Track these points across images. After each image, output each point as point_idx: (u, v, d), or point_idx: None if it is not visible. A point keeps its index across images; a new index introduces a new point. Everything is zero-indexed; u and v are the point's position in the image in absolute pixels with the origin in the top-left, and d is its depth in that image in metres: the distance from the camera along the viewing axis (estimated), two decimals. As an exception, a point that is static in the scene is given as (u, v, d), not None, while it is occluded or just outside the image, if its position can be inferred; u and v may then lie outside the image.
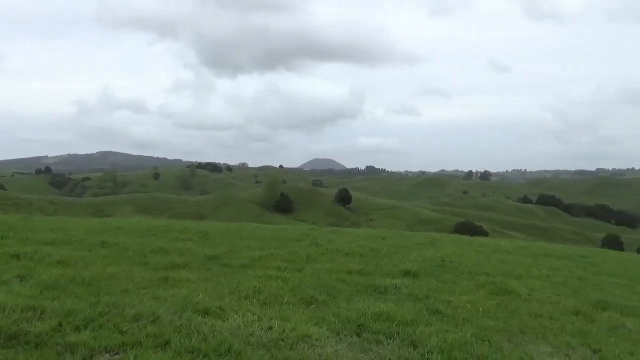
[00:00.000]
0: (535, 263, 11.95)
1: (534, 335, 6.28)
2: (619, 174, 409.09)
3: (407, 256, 11.05)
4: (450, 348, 5.36)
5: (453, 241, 15.57)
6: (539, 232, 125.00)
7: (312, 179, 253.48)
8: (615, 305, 8.11)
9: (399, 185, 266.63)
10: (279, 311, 6.23)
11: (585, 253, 15.23)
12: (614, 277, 11.24)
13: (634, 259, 16.79)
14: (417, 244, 13.64)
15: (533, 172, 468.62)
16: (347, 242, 12.72)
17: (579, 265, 12.40)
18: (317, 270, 8.96)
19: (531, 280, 9.63)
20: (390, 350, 5.28)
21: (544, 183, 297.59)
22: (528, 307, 7.52)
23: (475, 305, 7.18)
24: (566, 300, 8.19)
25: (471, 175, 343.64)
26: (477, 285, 8.71)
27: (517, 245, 16.23)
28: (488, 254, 12.61)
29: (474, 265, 10.56)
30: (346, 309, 6.45)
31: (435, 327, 6.04)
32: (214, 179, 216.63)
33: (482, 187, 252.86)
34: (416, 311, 6.61)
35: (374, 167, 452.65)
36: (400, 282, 8.28)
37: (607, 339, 6.40)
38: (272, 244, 11.96)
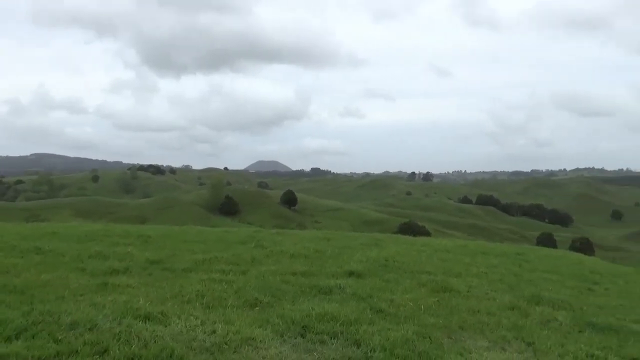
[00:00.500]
0: (474, 261, 12.33)
1: (472, 330, 6.49)
2: (552, 174, 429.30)
3: (352, 257, 11.18)
4: (392, 345, 5.47)
5: (396, 241, 15.87)
6: (479, 231, 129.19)
7: (257, 181, 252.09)
8: (547, 300, 8.48)
9: (344, 187, 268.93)
10: (222, 314, 6.17)
11: (520, 251, 15.85)
12: (546, 273, 11.76)
13: (565, 255, 17.63)
14: (361, 244, 13.81)
15: (472, 173, 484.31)
16: (292, 244, 12.72)
17: (515, 263, 12.89)
18: (261, 272, 8.92)
19: (470, 278, 9.93)
20: (333, 349, 5.33)
21: (483, 184, 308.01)
22: (467, 304, 7.75)
23: (417, 303, 7.36)
24: (502, 296, 8.50)
25: (414, 176, 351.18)
26: (418, 283, 8.92)
27: (457, 244, 16.70)
28: (429, 253, 12.92)
29: (416, 264, 10.80)
30: (290, 310, 6.46)
31: (378, 325, 6.15)
32: (156, 181, 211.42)
33: (425, 188, 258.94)
34: (360, 310, 6.71)
35: (319, 169, 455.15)
36: (345, 282, 8.36)
37: (540, 331, 6.69)
38: (216, 247, 11.82)
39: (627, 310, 8.65)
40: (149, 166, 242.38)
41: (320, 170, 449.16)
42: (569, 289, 9.94)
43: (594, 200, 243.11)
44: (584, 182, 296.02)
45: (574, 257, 16.92)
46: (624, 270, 14.65)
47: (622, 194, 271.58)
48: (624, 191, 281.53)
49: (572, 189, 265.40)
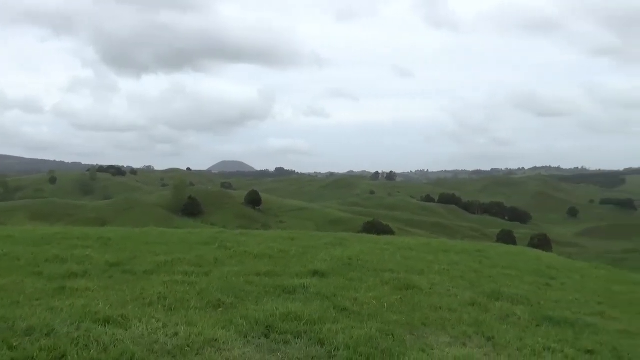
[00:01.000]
0: (436, 258, 12.51)
1: (434, 326, 6.60)
2: (511, 173, 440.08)
3: (316, 256, 11.19)
4: (356, 343, 5.51)
5: (360, 240, 15.96)
6: (441, 229, 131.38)
7: (221, 181, 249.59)
8: (507, 295, 8.68)
9: (308, 187, 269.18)
10: (185, 316, 6.09)
11: (481, 248, 16.17)
12: (506, 269, 12.02)
13: (523, 252, 18.08)
14: (325, 243, 13.84)
15: (434, 172, 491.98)
16: (256, 244, 12.66)
17: (475, 259, 13.14)
18: (225, 273, 8.85)
19: (432, 275, 10.08)
20: (297, 349, 5.34)
21: (445, 182, 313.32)
22: (429, 300, 7.87)
23: (380, 301, 7.43)
24: (463, 292, 8.66)
25: (377, 175, 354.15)
26: (382, 281, 9.00)
27: (419, 242, 16.93)
28: (393, 252, 13.05)
29: (379, 263, 10.89)
30: (254, 310, 6.43)
31: (342, 324, 6.18)
32: (117, 182, 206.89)
33: (388, 187, 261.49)
34: (323, 309, 6.72)
35: (284, 169, 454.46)
36: (309, 281, 8.37)
37: (499, 326, 6.85)
38: (179, 248, 11.65)
39: (582, 304, 8.94)
40: (109, 167, 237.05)
41: (285, 170, 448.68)
42: (527, 284, 10.19)
43: (551, 198, 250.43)
44: (542, 180, 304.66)
45: (532, 254, 17.37)
46: (579, 266, 15.12)
47: (578, 191, 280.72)
48: (579, 189, 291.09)
49: (530, 187, 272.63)
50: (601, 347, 6.41)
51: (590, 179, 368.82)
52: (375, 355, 5.32)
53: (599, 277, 12.38)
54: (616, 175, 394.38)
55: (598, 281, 11.66)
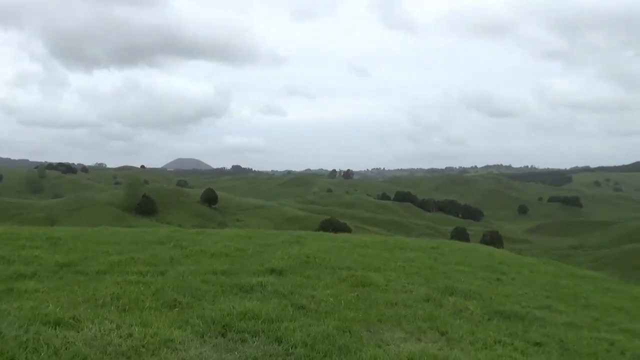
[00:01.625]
0: (392, 256, 12.70)
1: (390, 322, 6.71)
2: (464, 171, 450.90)
3: (273, 254, 11.17)
4: (313, 341, 5.54)
5: (317, 238, 16.03)
6: (397, 227, 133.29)
7: (177, 179, 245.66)
8: (460, 291, 8.90)
9: (265, 185, 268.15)
10: (139, 317, 5.98)
11: (435, 245, 16.49)
12: (459, 265, 12.31)
13: (476, 248, 18.56)
14: (282, 242, 13.83)
15: (391, 170, 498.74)
16: (213, 243, 12.53)
17: (430, 256, 13.40)
18: (180, 272, 8.73)
19: (388, 272, 10.22)
20: (255, 347, 5.33)
21: (401, 180, 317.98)
22: (385, 297, 7.99)
23: (338, 298, 7.49)
24: (418, 289, 8.83)
25: (335, 173, 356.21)
26: (339, 278, 9.07)
27: (376, 239, 17.13)
28: (350, 249, 13.17)
29: (336, 260, 10.97)
30: (211, 309, 6.38)
31: (299, 321, 6.20)
32: (67, 180, 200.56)
33: (345, 185, 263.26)
34: (281, 307, 6.73)
35: (241, 167, 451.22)
36: (266, 280, 8.35)
37: (452, 321, 7.03)
38: (133, 248, 11.41)
39: (531, 298, 9.26)
40: (59, 164, 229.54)
41: (242, 168, 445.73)
42: (479, 279, 10.47)
43: (502, 196, 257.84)
44: (494, 178, 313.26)
45: (484, 250, 17.84)
46: (528, 261, 15.62)
47: (527, 189, 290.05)
48: (528, 187, 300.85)
49: (482, 186, 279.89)
50: (549, 339, 6.67)
51: (539, 178, 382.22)
52: (333, 352, 5.37)
53: (546, 272, 12.83)
54: (563, 173, 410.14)
55: (546, 276, 12.09)
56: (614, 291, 11.36)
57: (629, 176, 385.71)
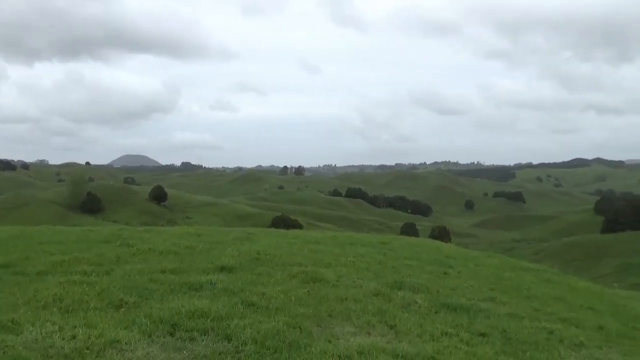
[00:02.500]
0: (343, 251, 12.81)
1: (340, 317, 6.77)
2: (413, 167, 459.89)
3: (223, 251, 11.06)
4: (263, 337, 5.54)
5: (268, 235, 15.97)
6: (348, 223, 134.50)
7: (124, 176, 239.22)
8: (408, 285, 9.07)
9: (216, 181, 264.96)
10: (83, 318, 5.81)
11: (385, 240, 16.73)
12: (408, 259, 12.54)
13: (424, 243, 18.95)
14: (233, 239, 13.71)
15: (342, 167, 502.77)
16: (161, 241, 12.28)
17: (380, 251, 13.59)
18: (127, 271, 8.52)
19: (339, 267, 10.30)
20: (204, 346, 5.27)
21: (352, 177, 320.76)
22: (335, 292, 8.05)
23: (288, 295, 7.49)
24: (368, 283, 8.94)
25: (286, 170, 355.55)
26: (290, 275, 9.07)
27: (327, 235, 17.22)
28: (301, 245, 13.19)
29: (287, 257, 10.96)
30: (159, 309, 6.26)
31: (249, 318, 6.18)
32: (6, 177, 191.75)
33: (297, 182, 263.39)
34: (231, 305, 6.68)
35: (190, 163, 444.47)
36: (216, 277, 8.26)
37: (401, 314, 7.16)
38: (77, 247, 11.04)
39: (476, 290, 9.54)
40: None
41: (191, 164, 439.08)
42: (427, 273, 10.70)
43: (450, 192, 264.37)
44: (442, 175, 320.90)
45: (432, 244, 18.25)
46: (474, 255, 16.08)
47: (474, 185, 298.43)
48: (475, 183, 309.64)
49: (431, 182, 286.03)
50: (492, 330, 6.90)
51: (485, 174, 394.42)
52: (283, 348, 5.38)
53: (491, 265, 13.23)
54: (507, 170, 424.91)
55: (490, 269, 12.47)
56: (554, 282, 11.86)
57: (568, 172, 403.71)
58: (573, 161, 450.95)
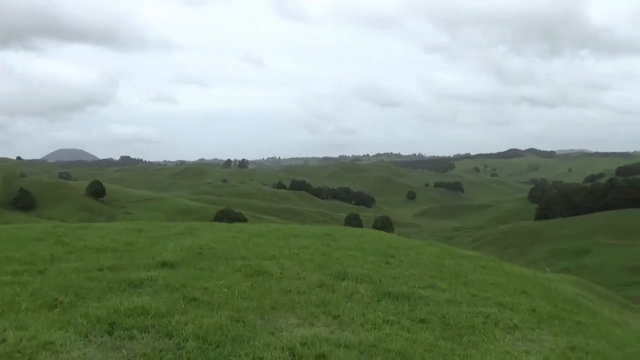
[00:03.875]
0: (287, 244, 12.81)
1: (284, 309, 6.78)
2: (357, 159, 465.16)
3: (165, 247, 10.83)
4: (205, 333, 5.47)
5: (211, 229, 15.75)
6: (293, 215, 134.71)
7: (58, 171, 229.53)
8: (352, 275, 9.18)
9: (157, 175, 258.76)
10: (14, 320, 5.55)
11: (328, 231, 16.84)
12: (351, 250, 12.68)
13: (367, 233, 19.21)
14: (175, 234, 13.45)
15: (286, 159, 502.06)
16: (99, 238, 11.89)
17: (324, 243, 13.68)
18: (62, 270, 8.19)
19: (283, 260, 10.30)
20: (144, 343, 5.15)
21: (296, 169, 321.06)
22: (279, 285, 8.05)
23: (231, 289, 7.43)
24: (312, 275, 8.99)
25: (230, 163, 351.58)
26: (233, 269, 8.99)
27: (271, 228, 17.17)
28: (244, 239, 13.08)
29: (230, 251, 10.86)
30: (96, 307, 6.06)
31: (191, 314, 6.08)
32: None
33: (241, 175, 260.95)
34: (172, 301, 6.56)
35: (130, 157, 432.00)
36: (157, 273, 8.08)
37: (344, 304, 7.25)
38: (7, 246, 10.51)
39: (417, 278, 9.77)
40: None
41: (131, 158, 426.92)
42: (370, 263, 10.86)
43: (392, 183, 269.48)
44: (384, 166, 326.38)
45: (375, 235, 18.53)
46: (415, 244, 16.42)
47: (415, 176, 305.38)
48: (416, 174, 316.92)
49: (374, 173, 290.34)
50: (432, 316, 7.10)
51: (426, 165, 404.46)
52: (226, 343, 5.33)
53: (431, 254, 13.57)
54: (447, 160, 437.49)
55: (431, 257, 12.79)
56: (490, 268, 12.30)
57: (504, 162, 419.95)
58: (508, 152, 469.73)
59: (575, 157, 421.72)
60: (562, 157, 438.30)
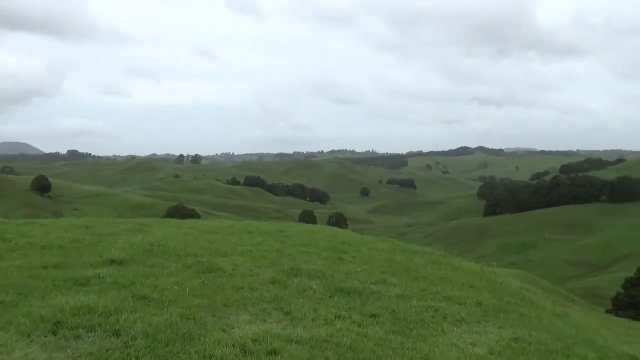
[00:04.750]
0: (240, 240, 12.72)
1: (235, 306, 6.74)
2: (311, 156, 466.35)
3: (113, 244, 10.57)
4: (155, 331, 5.38)
5: (162, 225, 15.48)
6: (247, 212, 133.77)
7: (1, 165, 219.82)
8: (304, 271, 9.21)
9: (106, 170, 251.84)
10: (-49, 321, 5.30)
11: (282, 228, 16.82)
12: (305, 246, 12.71)
13: (321, 229, 19.31)
14: (124, 230, 13.14)
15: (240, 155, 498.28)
16: (44, 234, 11.49)
17: (277, 239, 13.66)
18: (4, 268, 7.88)
19: (235, 256, 10.23)
20: (90, 343, 5.02)
21: (250, 165, 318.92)
22: (231, 282, 7.99)
23: (182, 286, 7.34)
24: (265, 271, 8.97)
25: (182, 158, 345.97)
26: (184, 266, 8.87)
27: (224, 224, 17.00)
28: (197, 235, 12.92)
29: (182, 247, 10.70)
30: (39, 307, 5.86)
31: (140, 312, 5.97)
32: None
33: (193, 171, 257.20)
34: (120, 299, 6.42)
35: (77, 151, 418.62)
36: (105, 271, 7.89)
37: (296, 300, 7.27)
38: (-57, 244, 10.02)
39: (369, 274, 9.90)
40: None
41: (79, 152, 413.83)
42: (323, 259, 10.92)
43: (346, 179, 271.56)
44: (338, 163, 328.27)
45: (329, 231, 18.64)
46: (367, 240, 16.62)
47: (369, 173, 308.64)
48: (370, 171, 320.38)
49: (328, 169, 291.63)
50: (383, 311, 7.22)
51: (379, 162, 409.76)
52: (176, 340, 5.26)
53: (383, 249, 13.77)
54: (400, 158, 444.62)
55: (383, 253, 12.98)
56: (440, 263, 12.58)
57: (454, 160, 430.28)
58: (459, 149, 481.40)
59: (522, 155, 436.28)
60: (510, 155, 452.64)
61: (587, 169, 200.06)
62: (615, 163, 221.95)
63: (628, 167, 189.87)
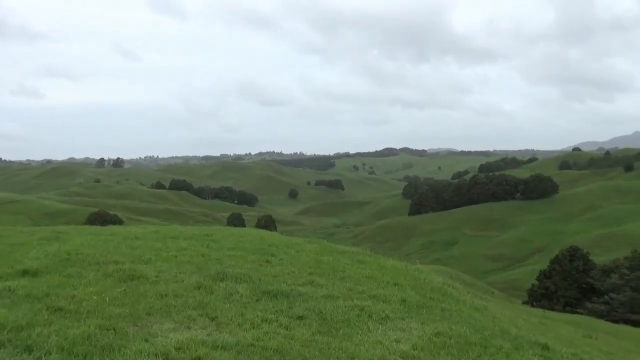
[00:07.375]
0: (165, 246, 12.37)
1: (159, 314, 6.56)
2: (239, 158, 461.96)
3: (26, 254, 9.97)
4: (71, 344, 5.13)
5: (81, 232, 14.78)
6: (173, 216, 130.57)
7: None
8: (231, 275, 9.10)
9: (19, 176, 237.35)
10: None
11: (209, 232, 16.52)
12: (232, 250, 12.56)
13: (249, 232, 19.12)
14: (39, 239, 12.43)
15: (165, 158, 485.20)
16: (-53, 246, 10.66)
17: (204, 244, 13.40)
18: None
19: (159, 263, 9.93)
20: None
21: (175, 168, 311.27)
22: (155, 289, 7.76)
23: (102, 295, 7.04)
24: (190, 277, 8.78)
25: (103, 162, 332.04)
26: (104, 274, 8.52)
27: (148, 230, 16.47)
28: (118, 242, 12.45)
29: (102, 255, 10.27)
30: (-59, 325, 5.43)
31: (55, 325, 5.67)
32: None
33: (116, 175, 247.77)
34: (34, 312, 6.06)
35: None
36: (16, 283, 7.42)
37: (223, 305, 7.17)
38: None
39: (296, 276, 9.93)
40: None
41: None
42: (250, 263, 10.83)
43: (274, 181, 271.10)
44: (266, 165, 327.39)
45: (257, 234, 18.50)
46: (295, 241, 16.65)
47: (297, 174, 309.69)
48: (298, 172, 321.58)
49: (256, 172, 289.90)
50: (310, 312, 7.27)
51: (307, 163, 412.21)
52: (94, 353, 5.04)
53: (311, 251, 13.85)
54: (327, 159, 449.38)
55: (310, 254, 13.05)
56: (366, 262, 12.82)
57: (380, 160, 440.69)
58: (384, 150, 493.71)
59: (443, 156, 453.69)
60: (432, 156, 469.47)
61: (504, 167, 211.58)
62: (529, 162, 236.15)
63: (539, 166, 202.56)
